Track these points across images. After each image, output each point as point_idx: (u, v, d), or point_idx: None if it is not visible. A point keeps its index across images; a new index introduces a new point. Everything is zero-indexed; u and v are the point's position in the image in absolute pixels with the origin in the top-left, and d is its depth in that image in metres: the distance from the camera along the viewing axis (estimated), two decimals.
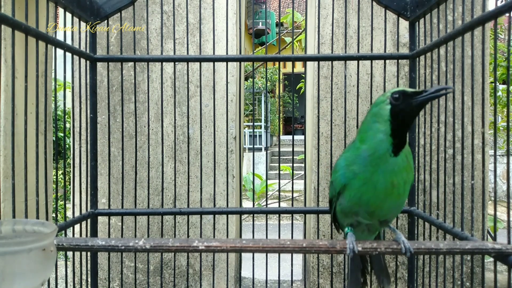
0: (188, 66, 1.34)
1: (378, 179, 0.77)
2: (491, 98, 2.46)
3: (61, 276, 2.07)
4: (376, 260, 0.98)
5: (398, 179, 0.77)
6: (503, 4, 0.78)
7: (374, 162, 0.77)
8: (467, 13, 1.64)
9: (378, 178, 0.77)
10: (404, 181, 0.78)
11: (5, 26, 0.83)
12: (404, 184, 0.78)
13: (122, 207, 1.31)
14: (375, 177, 0.77)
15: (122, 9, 1.29)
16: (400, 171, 0.77)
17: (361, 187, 0.79)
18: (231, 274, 1.77)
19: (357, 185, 0.79)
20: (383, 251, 0.81)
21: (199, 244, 0.84)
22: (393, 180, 0.77)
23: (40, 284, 0.59)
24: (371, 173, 0.77)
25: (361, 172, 0.78)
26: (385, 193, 0.78)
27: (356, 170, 0.79)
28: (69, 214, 1.25)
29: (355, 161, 0.79)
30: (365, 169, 0.78)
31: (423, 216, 1.19)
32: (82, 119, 1.24)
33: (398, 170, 0.76)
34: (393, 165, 0.76)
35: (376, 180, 0.77)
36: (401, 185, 0.78)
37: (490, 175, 3.94)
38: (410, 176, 0.79)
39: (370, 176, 0.77)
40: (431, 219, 1.13)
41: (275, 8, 13.46)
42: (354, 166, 0.79)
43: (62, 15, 1.15)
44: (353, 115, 1.73)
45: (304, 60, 1.45)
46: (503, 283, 1.91)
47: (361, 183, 0.79)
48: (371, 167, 0.77)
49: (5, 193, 1.38)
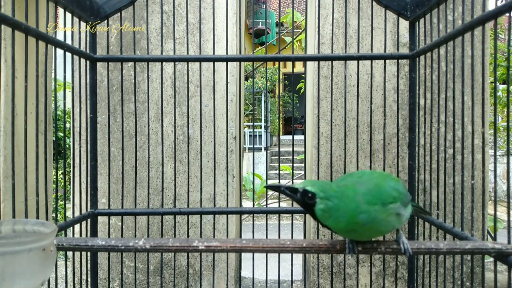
0: (188, 66, 1.34)
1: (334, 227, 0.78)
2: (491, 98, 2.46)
3: (61, 276, 2.07)
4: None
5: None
6: (503, 4, 0.78)
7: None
8: (467, 13, 1.64)
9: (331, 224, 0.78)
10: (368, 235, 0.76)
11: (5, 26, 0.83)
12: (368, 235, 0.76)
13: (122, 207, 1.31)
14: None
15: (122, 9, 1.29)
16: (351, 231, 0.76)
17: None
18: (231, 274, 1.77)
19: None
20: (383, 251, 0.81)
21: (199, 244, 0.84)
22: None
23: (40, 284, 0.59)
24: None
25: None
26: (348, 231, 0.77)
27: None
28: (69, 214, 1.25)
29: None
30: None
31: (423, 216, 1.19)
32: (82, 119, 1.24)
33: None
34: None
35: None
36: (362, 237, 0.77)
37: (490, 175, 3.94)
38: (376, 232, 0.76)
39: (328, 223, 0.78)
40: (431, 219, 1.13)
41: (275, 8, 13.46)
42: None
43: (62, 15, 1.15)
44: (353, 115, 1.73)
45: (304, 60, 1.45)
46: (503, 283, 1.91)
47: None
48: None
49: (5, 193, 1.38)
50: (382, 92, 1.71)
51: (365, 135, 1.73)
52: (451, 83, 1.55)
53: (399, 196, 0.77)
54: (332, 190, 0.73)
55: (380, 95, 1.72)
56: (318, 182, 0.75)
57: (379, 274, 1.73)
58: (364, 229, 0.73)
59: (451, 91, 1.60)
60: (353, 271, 1.74)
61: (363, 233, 0.75)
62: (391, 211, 0.74)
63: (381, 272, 1.72)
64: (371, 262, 1.59)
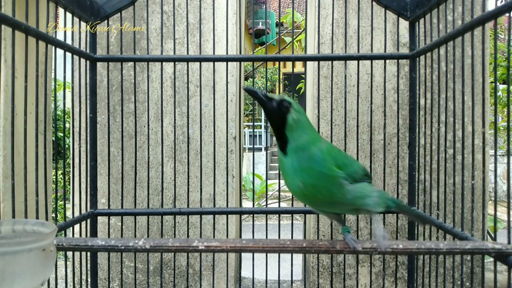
0: (188, 66, 1.34)
1: (286, 180, 0.79)
2: (491, 98, 2.46)
3: (61, 276, 2.07)
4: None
5: (295, 180, 0.76)
6: (503, 4, 0.78)
7: (280, 163, 0.79)
8: (467, 13, 1.64)
9: (285, 179, 0.79)
10: (313, 184, 0.75)
11: (5, 26, 0.83)
12: (314, 187, 0.75)
13: (121, 207, 1.31)
14: (285, 178, 0.79)
15: (122, 9, 1.29)
16: (296, 171, 0.75)
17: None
18: (231, 274, 1.77)
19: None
20: (383, 251, 0.81)
21: (199, 244, 0.84)
22: (292, 181, 0.77)
23: (40, 284, 0.59)
24: (283, 174, 0.79)
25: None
26: (299, 196, 0.78)
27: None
28: (69, 214, 1.25)
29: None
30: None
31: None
32: (82, 119, 1.24)
33: (290, 169, 0.76)
34: (285, 166, 0.77)
35: (286, 181, 0.79)
36: (308, 187, 0.75)
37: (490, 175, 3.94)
38: (321, 178, 0.76)
39: (284, 178, 0.79)
40: (431, 219, 1.13)
41: (275, 8, 13.46)
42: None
43: (62, 15, 1.15)
44: (353, 115, 1.73)
45: (304, 60, 1.45)
46: (503, 283, 1.91)
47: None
48: (281, 169, 0.80)
49: (5, 193, 1.38)
50: (382, 92, 1.71)
51: (365, 135, 1.73)
52: (451, 83, 1.55)
53: (347, 165, 0.79)
54: (307, 124, 0.79)
55: (380, 95, 1.72)
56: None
57: (379, 274, 1.73)
58: (310, 173, 0.75)
59: (451, 91, 1.60)
60: (353, 271, 1.73)
61: (311, 183, 0.75)
62: (337, 175, 0.76)
63: (381, 272, 1.72)
64: (371, 262, 1.59)
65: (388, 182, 1.72)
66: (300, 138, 0.77)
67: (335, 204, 0.80)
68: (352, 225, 1.74)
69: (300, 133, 0.77)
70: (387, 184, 1.72)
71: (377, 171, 1.72)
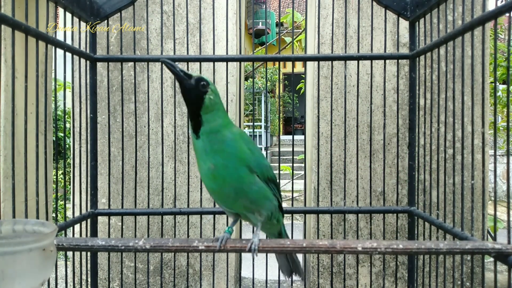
0: (188, 66, 1.34)
1: (198, 163, 0.78)
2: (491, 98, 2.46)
3: (61, 276, 2.07)
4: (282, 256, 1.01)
5: (206, 162, 0.76)
6: (503, 4, 0.78)
7: (194, 146, 0.79)
8: (467, 13, 1.64)
9: (198, 162, 0.78)
10: (224, 165, 0.75)
11: (5, 26, 0.83)
12: (225, 168, 0.75)
13: (122, 207, 1.31)
14: (197, 161, 0.78)
15: (122, 9, 1.29)
16: (208, 153, 0.75)
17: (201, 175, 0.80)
18: (231, 274, 1.77)
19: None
20: (383, 251, 0.81)
21: (199, 244, 0.84)
22: (204, 163, 0.76)
23: (40, 284, 0.59)
24: (197, 157, 0.78)
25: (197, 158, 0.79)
26: (209, 179, 0.77)
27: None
28: (69, 214, 1.25)
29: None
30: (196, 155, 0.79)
31: (423, 216, 1.19)
32: (82, 119, 1.24)
33: (202, 152, 0.76)
34: (197, 148, 0.77)
35: (198, 164, 0.78)
36: (219, 168, 0.75)
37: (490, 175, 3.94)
38: (232, 160, 0.76)
39: (197, 161, 0.79)
40: (431, 219, 1.13)
41: (275, 8, 13.46)
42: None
43: (62, 15, 1.15)
44: (353, 115, 1.73)
45: (304, 60, 1.45)
46: (503, 283, 1.91)
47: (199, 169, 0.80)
48: (195, 152, 0.79)
49: (5, 193, 1.38)
50: (382, 92, 1.71)
51: (365, 135, 1.73)
52: (451, 83, 1.55)
53: (257, 155, 0.80)
54: (221, 106, 0.79)
55: (380, 95, 1.72)
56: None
57: (379, 274, 1.73)
58: (220, 154, 0.75)
59: (451, 91, 1.60)
60: (353, 271, 1.74)
61: (222, 164, 0.76)
62: (246, 157, 0.77)
63: (381, 272, 1.72)
64: (371, 262, 1.59)
65: (388, 182, 1.73)
66: (214, 121, 0.76)
67: (241, 194, 0.79)
68: (352, 225, 1.74)
69: (215, 115, 0.77)
70: (387, 184, 1.72)
71: (377, 171, 1.72)
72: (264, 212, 0.84)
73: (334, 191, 1.74)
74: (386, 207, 1.33)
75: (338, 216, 1.74)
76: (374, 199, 1.74)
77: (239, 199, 0.81)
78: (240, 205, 0.83)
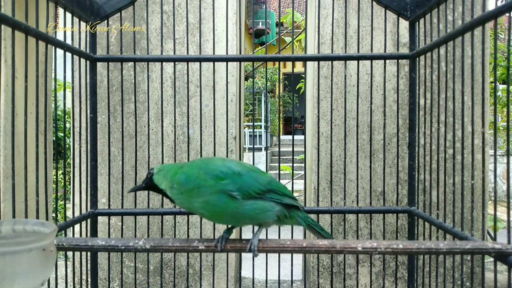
0: (188, 66, 1.34)
1: (196, 213, 0.87)
2: (491, 98, 2.46)
3: (61, 276, 2.07)
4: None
5: (195, 205, 0.82)
6: (503, 4, 0.78)
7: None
8: (467, 13, 1.64)
9: (195, 213, 0.87)
10: (205, 201, 0.81)
11: (5, 26, 0.83)
12: (207, 203, 0.80)
13: (122, 207, 1.31)
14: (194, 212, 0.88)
15: (122, 9, 1.29)
16: (191, 202, 0.82)
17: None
18: (231, 274, 1.77)
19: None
20: (383, 251, 0.81)
21: (199, 244, 0.84)
22: (197, 210, 0.84)
23: (40, 284, 0.59)
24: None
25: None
26: (207, 215, 0.84)
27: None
28: (69, 214, 1.25)
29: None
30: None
31: (423, 216, 1.19)
32: (82, 119, 1.24)
33: (187, 202, 0.83)
34: (184, 206, 0.86)
35: (197, 213, 0.88)
36: (206, 206, 0.81)
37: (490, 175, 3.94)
38: (206, 194, 0.80)
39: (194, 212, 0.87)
40: (431, 219, 1.13)
41: (275, 8, 13.46)
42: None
43: (62, 15, 1.15)
44: (353, 115, 1.73)
45: (304, 60, 1.45)
46: (503, 283, 1.91)
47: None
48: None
49: (5, 193, 1.38)
50: (382, 92, 1.71)
51: (365, 135, 1.73)
52: (451, 83, 1.55)
53: (229, 174, 0.81)
54: (170, 166, 0.87)
55: (380, 95, 1.72)
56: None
57: (379, 274, 1.73)
58: (194, 195, 0.80)
59: (451, 91, 1.60)
60: (353, 271, 1.74)
61: (200, 206, 0.80)
62: (219, 186, 0.79)
63: (381, 272, 1.72)
64: (371, 262, 1.59)
65: (388, 182, 1.73)
66: (168, 182, 0.84)
67: (238, 216, 0.82)
68: (352, 225, 1.74)
69: (165, 178, 0.85)
70: (387, 184, 1.72)
71: (377, 171, 1.72)
72: (268, 219, 0.85)
73: (334, 191, 1.74)
74: (386, 207, 1.33)
75: (338, 216, 1.74)
76: (374, 199, 1.74)
77: (240, 221, 0.85)
78: (244, 223, 0.86)
